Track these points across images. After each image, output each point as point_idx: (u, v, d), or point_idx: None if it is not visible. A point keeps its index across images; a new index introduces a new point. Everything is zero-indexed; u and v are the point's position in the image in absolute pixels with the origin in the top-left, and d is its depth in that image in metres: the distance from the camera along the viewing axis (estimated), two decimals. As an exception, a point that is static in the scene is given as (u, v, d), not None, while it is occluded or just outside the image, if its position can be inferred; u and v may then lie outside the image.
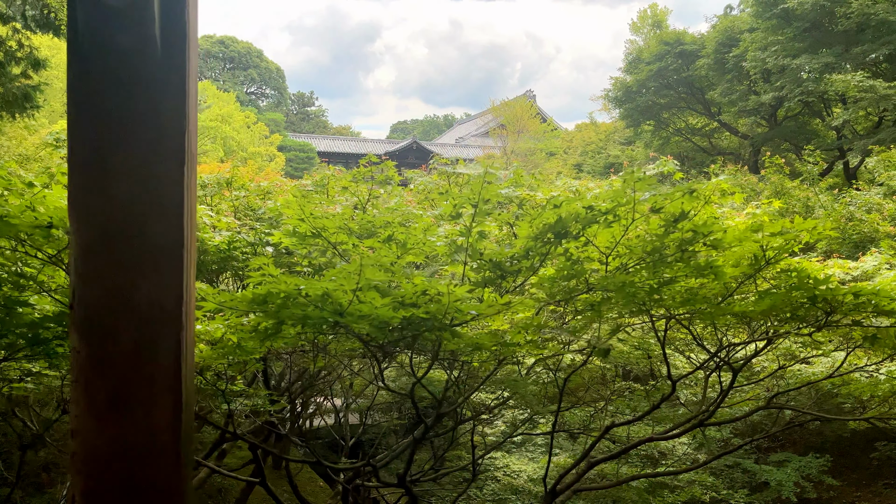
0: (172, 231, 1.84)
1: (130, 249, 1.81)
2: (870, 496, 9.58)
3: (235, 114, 40.42)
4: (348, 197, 4.42)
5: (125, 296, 1.82)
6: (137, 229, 1.81)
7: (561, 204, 3.08)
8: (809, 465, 9.31)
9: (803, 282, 3.70)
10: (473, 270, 3.43)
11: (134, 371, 1.83)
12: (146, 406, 1.84)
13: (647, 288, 3.48)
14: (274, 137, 45.45)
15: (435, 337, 2.90)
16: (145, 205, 1.82)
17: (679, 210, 3.06)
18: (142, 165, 1.82)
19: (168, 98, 1.85)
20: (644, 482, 9.36)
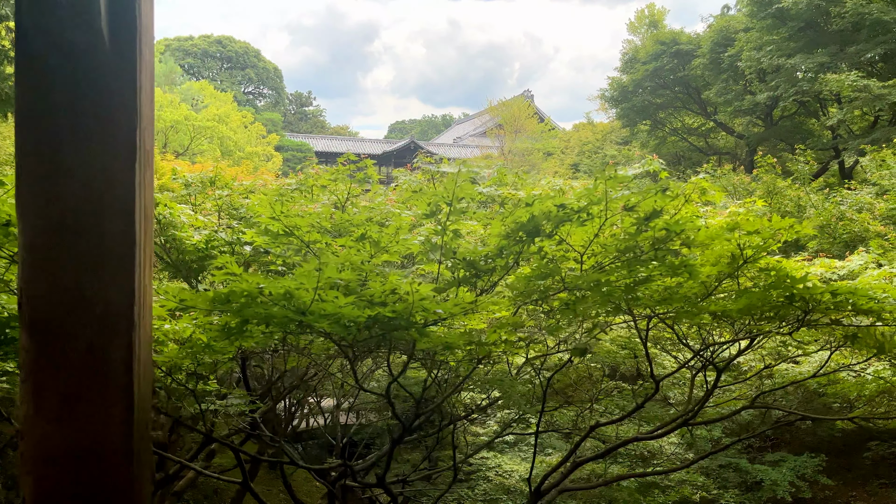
0: (123, 229, 1.81)
1: (79, 247, 1.79)
2: (865, 496, 9.56)
3: (233, 114, 40.38)
4: (328, 196, 4.40)
5: (75, 294, 1.80)
6: (87, 227, 1.79)
7: (533, 202, 3.06)
8: (804, 465, 9.29)
9: (780, 281, 3.69)
10: (449, 269, 3.41)
11: (84, 371, 1.80)
12: (97, 406, 1.82)
13: (623, 286, 3.46)
14: (271, 137, 45.43)
15: (405, 336, 2.89)
16: (95, 202, 1.80)
17: (651, 208, 3.04)
18: (91, 162, 1.80)
19: (118, 94, 1.83)
20: (634, 482, 9.35)
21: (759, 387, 6.03)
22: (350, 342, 2.93)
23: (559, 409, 8.06)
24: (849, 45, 18.41)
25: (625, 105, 26.92)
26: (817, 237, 9.90)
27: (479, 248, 3.25)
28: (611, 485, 9.67)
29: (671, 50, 24.93)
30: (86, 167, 1.79)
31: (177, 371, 3.10)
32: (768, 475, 9.17)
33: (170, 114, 34.15)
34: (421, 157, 5.77)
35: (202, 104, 43.39)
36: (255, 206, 3.18)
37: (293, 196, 4.50)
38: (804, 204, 10.56)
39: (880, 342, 4.40)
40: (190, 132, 35.45)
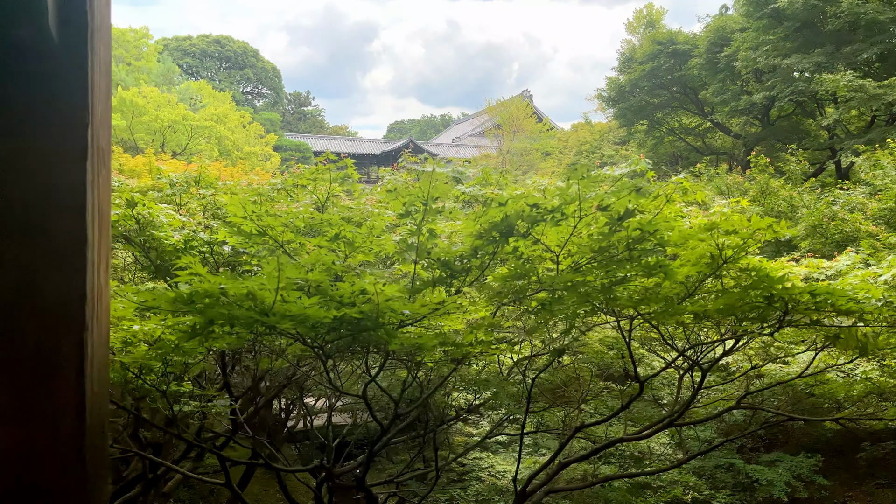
0: (74, 228, 1.79)
1: (27, 248, 1.76)
2: (861, 496, 9.53)
3: (231, 113, 40.36)
4: (309, 196, 4.37)
5: (22, 295, 1.77)
6: (34, 227, 1.76)
7: (507, 202, 3.04)
8: (800, 465, 9.27)
9: (759, 281, 3.66)
10: (425, 269, 3.39)
11: (32, 373, 1.78)
12: (45, 410, 1.79)
13: (600, 287, 3.44)
14: (269, 137, 45.43)
15: (373, 337, 2.87)
16: (43, 201, 1.77)
17: (624, 208, 3.02)
18: (40, 162, 1.77)
19: (68, 92, 1.81)
20: (626, 483, 9.34)
21: (745, 387, 6.00)
22: (320, 343, 2.91)
23: (549, 410, 8.05)
24: (845, 45, 18.39)
25: (622, 105, 26.89)
26: (810, 237, 9.88)
27: (450, 248, 3.23)
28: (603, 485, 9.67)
29: (668, 50, 24.91)
30: (35, 168, 1.76)
31: (148, 372, 3.07)
32: (764, 475, 9.16)
33: (167, 114, 34.14)
34: (406, 157, 5.75)
35: (200, 104, 43.37)
36: (228, 207, 3.16)
37: (272, 196, 4.47)
38: (797, 204, 10.54)
39: (863, 342, 4.37)
40: (188, 132, 35.45)
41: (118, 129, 33.41)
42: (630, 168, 5.09)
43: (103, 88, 2.02)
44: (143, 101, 34.10)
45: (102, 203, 2.02)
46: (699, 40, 23.79)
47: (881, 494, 9.31)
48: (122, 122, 33.49)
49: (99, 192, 1.96)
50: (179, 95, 43.05)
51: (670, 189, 4.46)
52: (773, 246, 11.19)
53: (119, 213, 4.18)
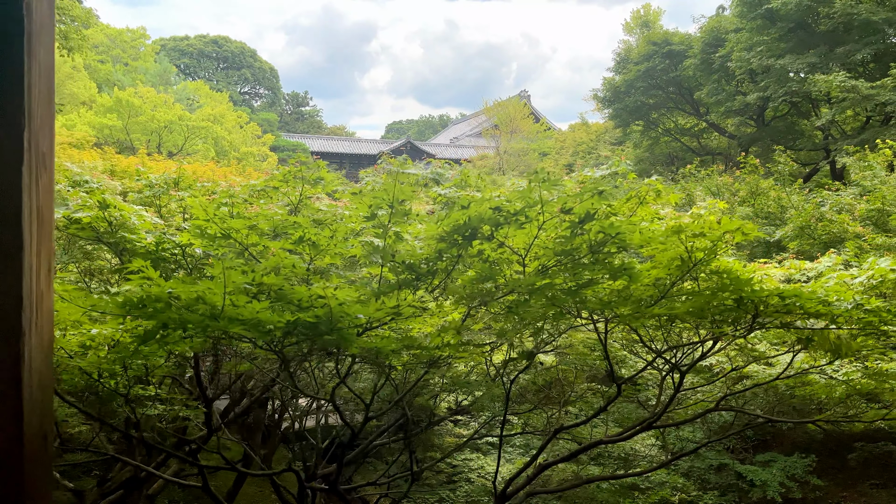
0: (9, 233, 1.78)
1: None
2: (856, 496, 9.52)
3: (228, 114, 40.39)
4: (282, 197, 4.38)
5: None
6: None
7: (469, 205, 3.04)
8: (794, 465, 9.27)
9: (728, 284, 3.66)
10: (393, 272, 3.39)
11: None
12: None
13: (567, 290, 3.44)
14: (266, 137, 45.45)
15: (331, 341, 2.86)
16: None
17: (584, 211, 3.01)
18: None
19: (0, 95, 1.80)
20: (615, 484, 9.35)
21: (726, 389, 6.00)
22: (278, 347, 2.91)
23: (535, 412, 8.06)
24: (839, 45, 18.39)
25: (617, 105, 26.90)
26: (798, 238, 9.88)
27: (415, 251, 3.23)
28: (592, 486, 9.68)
29: (663, 50, 24.92)
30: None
31: (113, 376, 3.06)
32: (758, 476, 9.17)
33: (163, 114, 34.15)
34: (385, 159, 5.75)
35: (197, 104, 43.38)
36: (193, 210, 3.16)
37: (247, 198, 4.47)
38: (786, 205, 10.54)
39: (837, 344, 4.37)
40: (184, 132, 35.46)
41: (114, 130, 33.42)
42: (611, 169, 5.10)
43: (44, 92, 2.01)
44: (139, 101, 34.09)
45: (43, 207, 2.01)
46: (694, 41, 23.81)
47: (876, 495, 9.30)
48: (119, 123, 33.49)
49: (38, 196, 1.95)
50: (176, 96, 43.06)
51: (643, 191, 4.46)
52: (763, 247, 11.20)
53: (91, 214, 4.17)
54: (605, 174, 4.88)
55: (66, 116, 33.14)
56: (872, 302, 3.86)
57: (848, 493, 9.62)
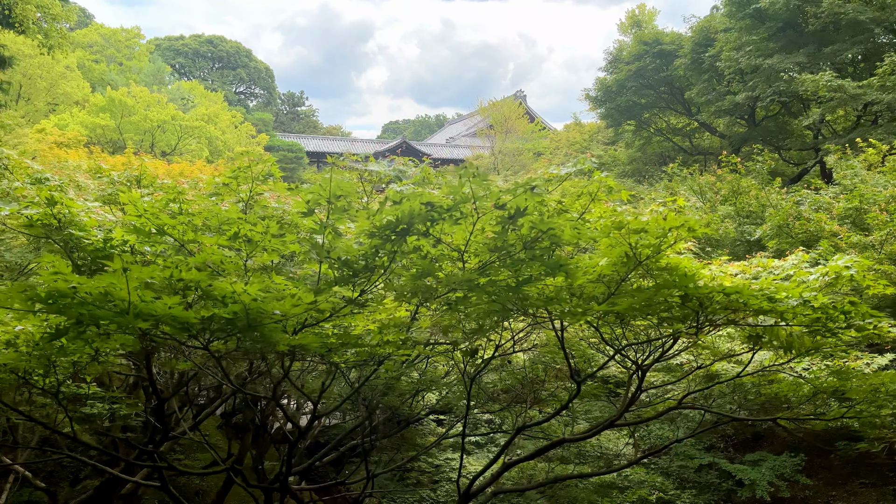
0: None
1: None
2: (845, 495, 9.51)
3: (222, 113, 40.34)
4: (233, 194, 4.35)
5: None
6: None
7: (401, 200, 3.02)
8: (784, 464, 9.27)
9: (671, 281, 3.64)
10: (331, 269, 3.37)
11: None
12: None
13: (506, 286, 3.42)
14: (261, 137, 45.42)
15: (257, 337, 2.85)
16: None
17: (515, 207, 3.00)
18: None
19: None
20: (594, 483, 9.35)
21: (692, 387, 5.99)
22: (202, 343, 2.89)
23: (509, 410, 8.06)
24: (827, 45, 18.38)
25: (609, 105, 26.89)
26: (777, 237, 9.87)
27: (351, 247, 3.21)
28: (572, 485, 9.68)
29: (654, 50, 24.91)
30: None
31: (45, 374, 3.03)
32: (747, 475, 9.17)
33: (156, 113, 34.12)
34: (347, 156, 5.73)
35: (192, 104, 43.36)
36: (127, 207, 3.14)
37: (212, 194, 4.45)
38: (765, 203, 10.54)
39: (789, 341, 4.35)
40: (177, 132, 35.41)
41: (107, 129, 33.40)
42: (577, 167, 5.08)
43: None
44: (132, 101, 34.06)
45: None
46: (685, 40, 23.80)
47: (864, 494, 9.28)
48: (111, 122, 33.47)
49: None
50: (170, 95, 43.03)
51: (594, 187, 4.44)
52: (744, 245, 11.19)
53: (39, 211, 4.15)
54: (571, 171, 4.87)
55: (58, 116, 33.09)
56: (819, 299, 3.84)
57: (837, 492, 9.61)
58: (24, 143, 24.20)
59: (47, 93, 37.92)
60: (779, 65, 18.30)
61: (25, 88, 37.08)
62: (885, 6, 16.58)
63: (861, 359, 6.10)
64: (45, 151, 20.17)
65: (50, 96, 37.92)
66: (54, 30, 13.01)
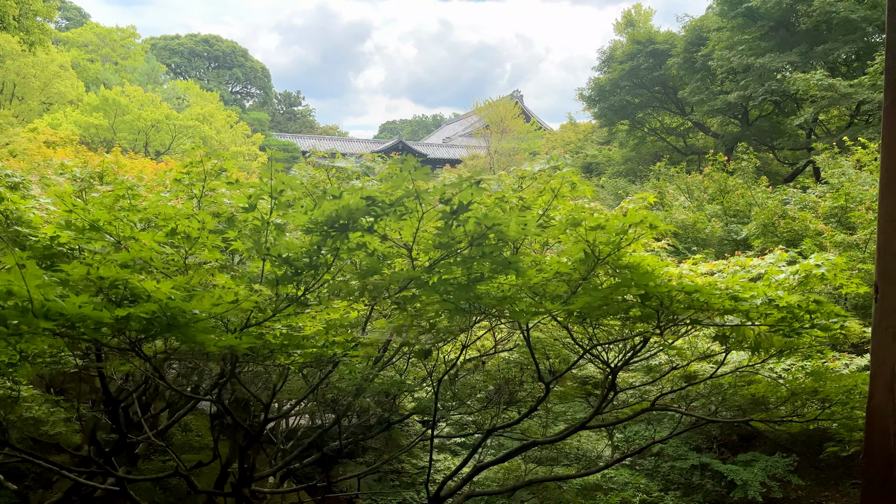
0: None
1: None
2: (838, 496, 9.41)
3: (217, 113, 40.26)
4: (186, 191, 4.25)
5: None
6: None
7: (341, 194, 2.91)
8: (776, 465, 9.16)
9: (629, 279, 3.53)
10: (275, 266, 3.25)
11: None
12: None
13: (458, 284, 3.31)
14: (256, 137, 45.32)
15: (183, 336, 2.74)
16: None
17: (459, 202, 2.88)
18: None
19: None
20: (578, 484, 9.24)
21: (668, 387, 5.89)
22: (127, 344, 2.78)
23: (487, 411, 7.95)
24: (819, 44, 18.28)
25: (602, 105, 26.79)
26: (763, 236, 9.76)
27: (292, 243, 3.09)
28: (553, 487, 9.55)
29: (647, 49, 24.81)
30: None
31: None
32: (739, 475, 9.06)
33: (150, 113, 34.02)
34: (314, 152, 5.62)
35: (187, 104, 43.25)
36: (56, 202, 3.03)
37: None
38: (751, 202, 10.43)
39: (758, 341, 4.25)
40: (171, 131, 35.31)
41: (100, 129, 33.32)
42: (550, 164, 4.97)
43: None
44: (125, 100, 33.95)
45: None
46: (677, 40, 23.71)
47: (856, 494, 9.17)
48: (105, 122, 33.38)
49: None
50: (165, 95, 42.92)
51: (556, 184, 4.33)
52: (730, 245, 11.08)
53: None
54: (545, 168, 4.76)
55: (51, 115, 33.01)
56: (785, 298, 3.73)
57: (829, 492, 9.49)
58: (15, 141, 24.07)
59: (41, 92, 37.82)
60: (770, 64, 18.19)
61: (19, 87, 36.96)
62: (876, 5, 16.48)
63: (840, 359, 6.00)
64: (34, 150, 20.05)
65: (44, 95, 37.83)
66: (35, 26, 12.91)
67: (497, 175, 5.63)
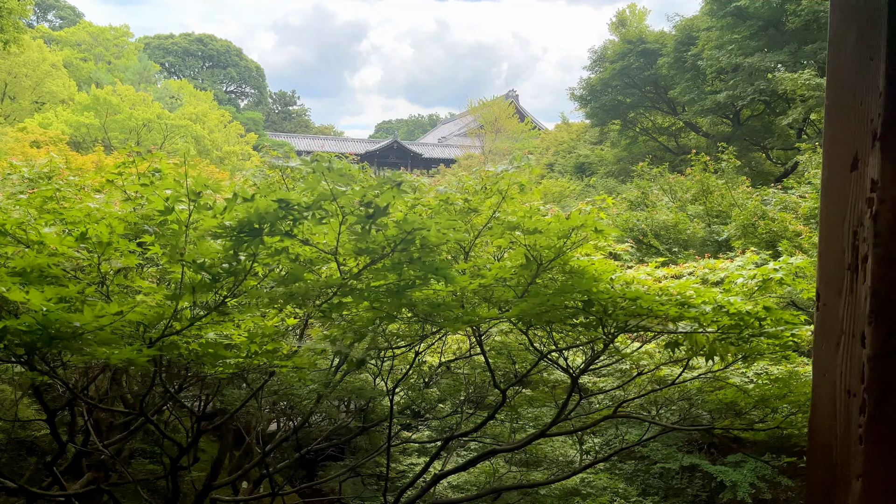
0: None
1: None
2: None
3: (210, 112, 40.08)
4: (119, 192, 4.10)
5: None
6: None
7: (253, 197, 2.76)
8: (765, 466, 9.05)
9: (569, 284, 3.38)
10: (190, 272, 3.10)
11: None
12: None
13: (388, 291, 3.16)
14: (250, 136, 45.17)
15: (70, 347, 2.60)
16: None
17: (378, 205, 2.73)
18: None
19: None
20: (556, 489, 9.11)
21: (625, 395, 5.74)
22: (16, 358, 2.63)
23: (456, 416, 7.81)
24: (808, 43, 18.14)
25: (594, 104, 26.64)
26: (742, 237, 9.62)
27: (208, 248, 2.94)
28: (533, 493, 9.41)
29: (638, 49, 24.66)
30: None
31: None
32: (729, 476, 8.93)
33: (142, 112, 33.85)
34: (269, 152, 5.46)
35: (180, 103, 43.06)
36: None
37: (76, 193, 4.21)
38: (731, 203, 10.29)
39: (712, 348, 4.10)
40: (163, 131, 35.14)
41: (91, 128, 33.16)
42: (514, 164, 4.81)
43: None
44: (117, 99, 33.77)
45: None
46: (668, 39, 23.56)
47: None
48: (96, 121, 33.21)
49: None
50: (158, 94, 42.74)
51: (504, 185, 4.18)
52: (713, 246, 10.94)
53: None
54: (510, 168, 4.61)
55: (42, 115, 32.86)
56: (735, 304, 3.59)
57: (820, 493, 9.37)
58: (2, 141, 23.92)
59: (33, 91, 37.63)
60: (759, 63, 18.06)
61: (11, 87, 36.79)
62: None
63: (808, 364, 5.85)
64: (17, 150, 19.90)
65: (35, 95, 37.66)
66: (10, 24, 12.76)
67: (458, 175, 5.47)
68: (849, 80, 2.69)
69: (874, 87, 2.64)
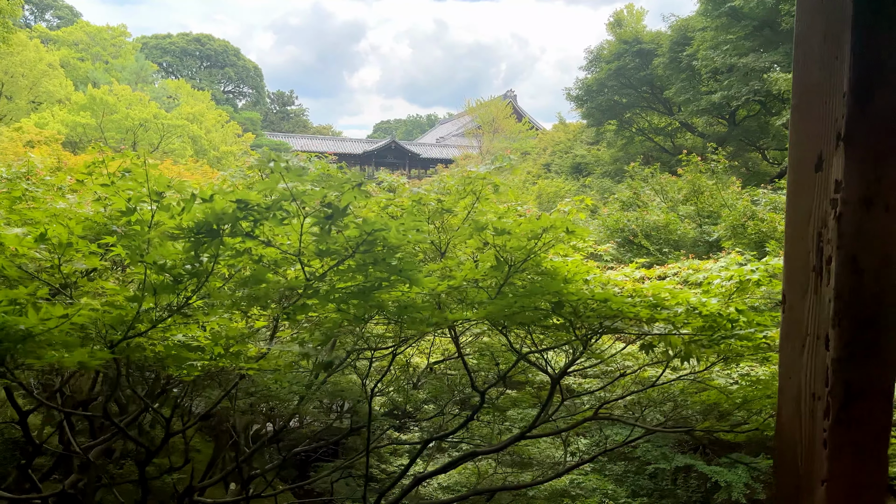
0: None
1: None
2: None
3: (207, 112, 40.01)
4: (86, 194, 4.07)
5: None
6: None
7: (212, 197, 2.72)
8: (760, 466, 9.04)
9: (538, 285, 3.34)
10: (152, 273, 3.06)
11: None
12: None
13: (352, 293, 3.12)
14: (247, 136, 45.06)
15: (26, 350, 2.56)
16: None
17: (339, 206, 2.69)
18: None
19: None
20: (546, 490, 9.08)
21: (603, 397, 5.70)
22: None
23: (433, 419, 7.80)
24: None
25: (590, 104, 26.60)
26: (732, 237, 9.58)
27: (168, 249, 2.91)
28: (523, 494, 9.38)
29: (634, 49, 24.63)
30: None
31: None
32: (724, 476, 8.90)
33: (138, 112, 33.79)
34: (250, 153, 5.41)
35: (177, 103, 43.01)
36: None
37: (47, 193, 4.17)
38: (722, 203, 10.25)
39: (688, 350, 4.06)
40: (160, 131, 35.08)
41: (88, 128, 33.10)
42: (495, 165, 4.77)
43: None
44: (113, 99, 33.71)
45: None
46: (663, 39, 23.52)
47: None
48: (92, 121, 33.15)
49: None
50: (155, 94, 42.68)
51: (478, 186, 4.14)
52: (704, 246, 10.90)
53: None
54: (491, 168, 4.57)
55: (38, 115, 32.79)
56: (708, 306, 3.55)
57: (814, 494, 9.34)
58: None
59: (29, 91, 37.56)
60: (754, 63, 18.01)
61: (7, 86, 36.72)
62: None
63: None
64: (11, 150, 19.87)
65: (32, 94, 37.58)
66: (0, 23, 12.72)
67: (440, 175, 5.45)
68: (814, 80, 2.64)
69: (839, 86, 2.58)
